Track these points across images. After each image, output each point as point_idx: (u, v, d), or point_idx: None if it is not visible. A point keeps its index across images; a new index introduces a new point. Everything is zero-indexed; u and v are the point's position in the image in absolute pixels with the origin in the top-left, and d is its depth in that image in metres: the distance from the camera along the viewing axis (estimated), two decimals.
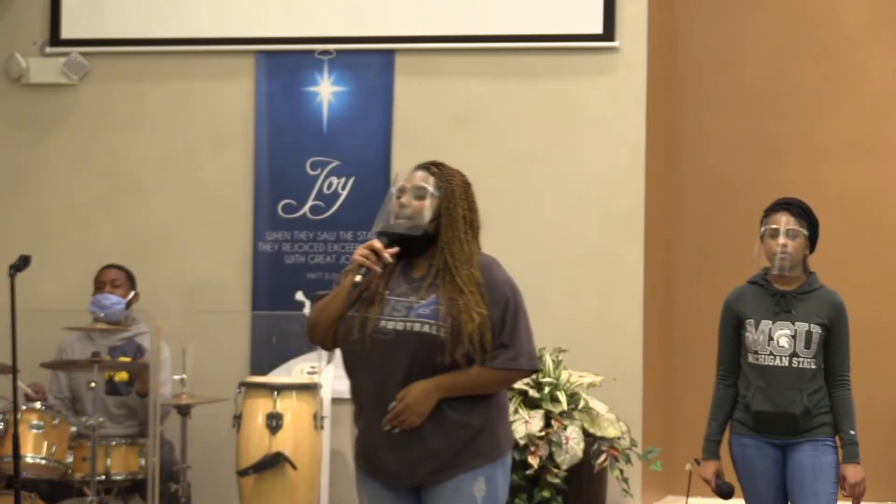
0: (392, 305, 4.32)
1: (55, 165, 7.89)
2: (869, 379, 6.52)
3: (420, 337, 4.27)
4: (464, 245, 4.38)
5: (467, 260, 4.38)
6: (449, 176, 4.43)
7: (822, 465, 5.58)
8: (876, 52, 7.71)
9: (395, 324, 4.30)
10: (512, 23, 7.43)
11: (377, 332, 4.30)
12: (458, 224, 4.40)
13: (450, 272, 4.34)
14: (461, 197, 4.43)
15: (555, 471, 6.52)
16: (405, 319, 4.29)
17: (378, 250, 4.28)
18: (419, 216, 4.37)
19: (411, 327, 4.28)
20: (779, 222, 5.65)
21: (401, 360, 4.28)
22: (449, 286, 4.33)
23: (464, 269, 4.35)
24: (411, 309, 4.31)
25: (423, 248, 4.39)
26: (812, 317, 5.62)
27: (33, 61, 7.88)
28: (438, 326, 4.27)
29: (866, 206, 7.65)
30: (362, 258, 4.28)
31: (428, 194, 4.38)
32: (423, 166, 4.46)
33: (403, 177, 4.46)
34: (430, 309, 4.30)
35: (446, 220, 4.39)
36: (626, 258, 7.33)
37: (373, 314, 4.31)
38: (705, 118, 7.84)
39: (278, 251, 7.63)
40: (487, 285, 4.37)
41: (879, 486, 5.81)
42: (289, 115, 7.66)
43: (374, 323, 4.30)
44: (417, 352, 4.27)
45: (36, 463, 6.58)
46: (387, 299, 4.33)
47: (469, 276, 4.35)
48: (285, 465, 6.67)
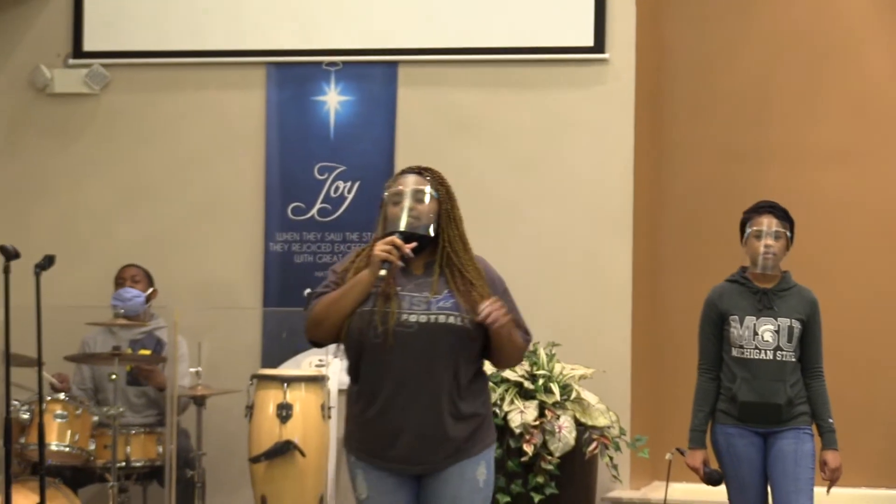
0: (409, 300, 4.32)
1: (78, 170, 7.88)
2: (843, 372, 6.51)
3: (447, 328, 4.29)
4: (463, 240, 4.44)
5: (470, 255, 4.44)
6: (441, 178, 4.46)
7: (802, 451, 5.61)
8: (853, 65, 7.69)
9: (418, 317, 4.29)
10: (508, 36, 7.43)
11: (399, 326, 4.28)
12: (457, 222, 4.44)
13: (456, 267, 4.38)
14: (454, 197, 4.46)
15: (548, 458, 6.51)
16: (427, 313, 4.30)
17: (399, 245, 4.27)
18: (425, 218, 4.37)
19: (435, 319, 4.30)
20: (763, 224, 5.67)
21: (424, 350, 4.29)
22: (459, 280, 4.36)
23: (469, 263, 4.41)
24: (431, 303, 4.32)
25: (421, 248, 4.38)
26: (792, 312, 5.66)
27: (57, 72, 7.87)
28: (463, 317, 4.30)
29: (843, 209, 7.63)
30: (385, 253, 4.26)
31: (427, 197, 4.38)
32: (415, 171, 4.47)
33: (393, 182, 4.46)
34: (451, 302, 4.33)
35: (446, 219, 4.41)
36: (615, 258, 7.33)
37: (394, 308, 4.29)
38: (690, 126, 7.83)
39: (288, 251, 7.62)
40: (490, 281, 4.43)
41: (851, 471, 5.81)
42: (298, 123, 7.65)
43: (396, 317, 4.28)
44: (444, 341, 4.29)
45: (60, 450, 6.58)
46: (402, 295, 4.32)
47: (475, 270, 4.41)
48: (295, 452, 6.65)
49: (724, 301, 5.72)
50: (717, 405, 5.72)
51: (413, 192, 4.39)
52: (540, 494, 6.48)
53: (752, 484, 5.66)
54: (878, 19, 7.70)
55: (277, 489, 6.69)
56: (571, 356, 6.89)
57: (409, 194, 4.38)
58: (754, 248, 5.66)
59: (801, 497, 5.55)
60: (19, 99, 7.95)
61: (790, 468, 5.57)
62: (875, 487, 7.42)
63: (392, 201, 4.40)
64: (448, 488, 4.35)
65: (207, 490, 6.98)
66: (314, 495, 6.78)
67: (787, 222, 5.71)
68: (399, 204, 4.38)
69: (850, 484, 6.34)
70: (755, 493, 5.67)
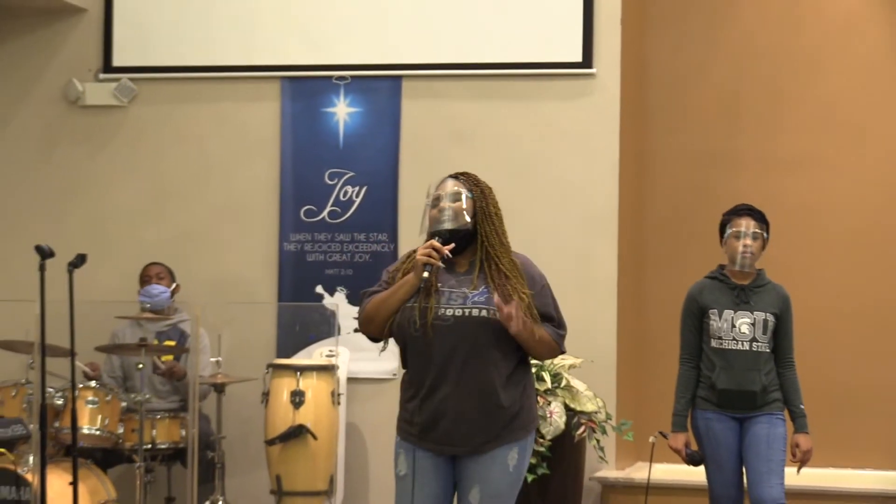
0: (447, 296, 4.33)
1: (107, 176, 7.85)
2: (811, 361, 6.43)
3: (479, 321, 4.29)
4: (500, 236, 4.45)
5: (506, 249, 4.44)
6: (476, 180, 4.50)
7: (775, 435, 5.60)
8: (818, 78, 7.67)
9: (454, 311, 4.30)
10: (504, 52, 7.41)
11: (437, 319, 4.29)
12: (493, 219, 4.45)
13: (492, 261, 4.39)
14: (490, 197, 4.48)
15: (540, 440, 6.46)
16: (463, 307, 4.31)
17: (438, 248, 4.29)
18: (461, 215, 4.39)
19: (469, 313, 4.30)
20: (742, 225, 5.73)
21: (461, 341, 4.29)
22: (495, 273, 4.36)
23: (504, 257, 4.41)
24: (467, 298, 4.32)
25: (463, 247, 4.39)
26: (767, 307, 5.67)
27: (89, 86, 7.83)
28: (494, 311, 4.29)
29: (805, 211, 7.60)
30: (426, 257, 4.29)
31: (463, 197, 4.41)
32: (452, 176, 4.51)
33: (434, 188, 4.50)
34: (485, 297, 4.32)
35: (482, 216, 4.43)
36: (601, 255, 7.30)
37: (432, 304, 4.31)
38: (671, 134, 7.81)
39: (301, 250, 7.57)
40: (529, 278, 4.42)
41: (818, 452, 5.78)
42: (310, 132, 7.61)
43: (434, 311, 4.29)
44: (478, 334, 4.29)
45: (91, 433, 6.59)
46: (441, 291, 4.34)
47: (510, 263, 4.40)
48: (307, 435, 6.64)
49: (704, 296, 5.73)
50: (697, 392, 5.72)
51: (450, 195, 4.42)
52: (532, 474, 6.42)
53: (729, 464, 5.66)
54: (836, 37, 7.67)
55: (291, 469, 6.68)
56: None
57: (447, 197, 4.42)
58: (733, 248, 5.69)
59: (773, 477, 5.55)
60: (54, 111, 7.92)
61: (763, 450, 5.58)
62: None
63: (433, 206, 4.45)
64: (480, 469, 4.36)
65: (227, 470, 6.97)
66: (325, 475, 6.77)
67: (764, 224, 5.78)
68: (437, 206, 4.42)
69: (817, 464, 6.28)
70: (732, 472, 5.67)
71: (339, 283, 7.45)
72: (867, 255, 7.55)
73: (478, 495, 4.34)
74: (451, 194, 4.42)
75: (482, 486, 4.34)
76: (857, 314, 7.51)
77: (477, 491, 4.35)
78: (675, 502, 6.74)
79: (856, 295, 7.53)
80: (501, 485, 4.35)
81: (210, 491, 6.82)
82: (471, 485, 4.36)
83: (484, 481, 4.34)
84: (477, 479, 4.35)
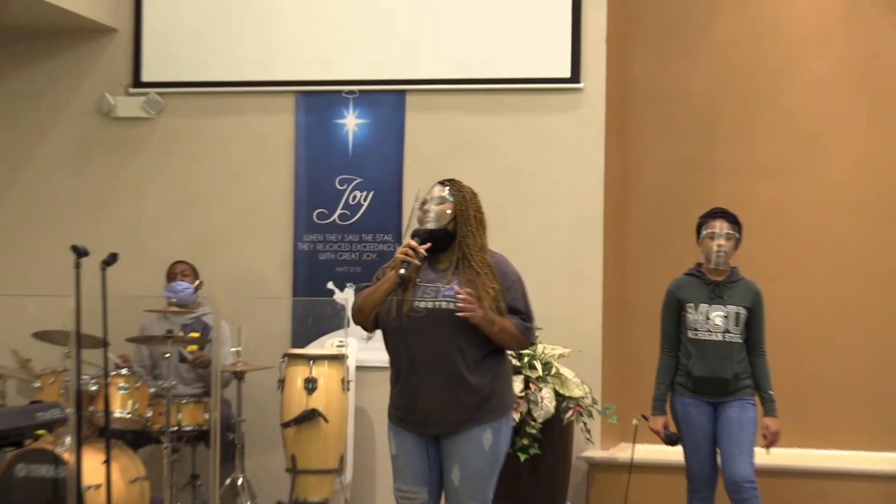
0: (423, 290, 4.37)
1: (137, 182, 7.86)
2: (781, 351, 6.51)
3: (447, 312, 4.33)
4: (476, 237, 4.47)
5: (480, 248, 4.46)
6: (460, 186, 4.54)
7: (746, 418, 5.64)
8: (788, 92, 7.67)
9: (426, 303, 4.34)
10: (499, 69, 7.41)
11: (412, 311, 4.34)
12: (470, 221, 4.48)
13: (467, 259, 4.42)
14: (471, 201, 4.52)
15: (532, 423, 6.49)
16: (434, 300, 4.35)
17: (415, 247, 4.36)
18: (441, 217, 4.45)
19: (439, 305, 4.34)
20: (716, 227, 5.71)
21: (431, 331, 4.33)
22: (467, 270, 4.40)
23: (477, 255, 4.43)
24: (438, 291, 4.36)
25: (445, 246, 4.45)
26: (739, 301, 5.67)
27: (120, 100, 7.85)
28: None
29: (780, 214, 7.60)
30: (403, 255, 4.35)
31: (445, 201, 4.46)
32: (440, 182, 4.56)
33: (424, 193, 4.56)
34: (454, 290, 4.35)
35: (461, 219, 4.47)
36: (588, 255, 7.31)
37: (408, 297, 4.35)
38: (652, 144, 7.80)
39: (313, 250, 7.59)
40: (499, 273, 4.44)
41: (785, 433, 5.83)
42: (321, 142, 7.62)
43: (409, 304, 4.34)
44: (445, 323, 4.32)
45: (122, 417, 6.60)
46: (418, 285, 4.38)
47: (482, 261, 4.43)
48: (319, 419, 6.66)
49: (682, 291, 5.74)
50: (675, 379, 5.74)
51: (435, 199, 4.49)
52: (525, 454, 6.45)
53: (704, 445, 5.69)
54: (803, 55, 7.65)
55: (305, 450, 6.69)
56: (552, 338, 6.86)
57: (432, 200, 4.49)
58: (708, 248, 5.69)
59: (744, 456, 5.58)
60: (88, 122, 7.93)
61: (735, 432, 5.60)
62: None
63: (420, 208, 4.52)
64: (458, 448, 4.39)
65: (246, 450, 7.00)
66: (335, 455, 6.78)
67: (737, 225, 5.75)
68: (423, 209, 4.49)
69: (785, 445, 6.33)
70: (706, 452, 5.69)
71: (349, 280, 7.45)
72: (833, 254, 7.53)
73: (458, 474, 4.38)
74: (435, 198, 4.48)
75: (461, 466, 4.38)
76: (824, 308, 7.50)
77: (457, 470, 4.38)
78: (656, 480, 6.72)
79: (822, 290, 7.52)
80: (479, 464, 4.38)
81: (231, 469, 6.84)
82: (451, 465, 4.40)
83: (462, 461, 4.38)
84: (456, 459, 4.38)
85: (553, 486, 6.67)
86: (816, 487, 6.76)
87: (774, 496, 6.46)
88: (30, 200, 7.96)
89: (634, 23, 7.85)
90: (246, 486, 6.86)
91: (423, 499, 4.46)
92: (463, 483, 4.39)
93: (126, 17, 7.85)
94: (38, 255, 7.83)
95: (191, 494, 7.01)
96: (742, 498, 5.55)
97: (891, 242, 7.47)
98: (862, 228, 7.52)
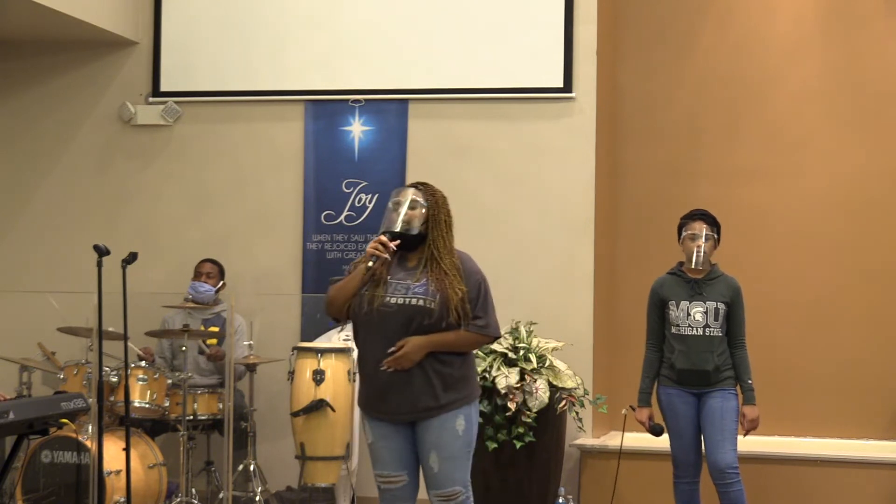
0: (394, 286, 4.37)
1: (155, 186, 7.87)
2: (760, 343, 6.52)
3: (416, 309, 4.33)
4: (446, 241, 4.46)
5: (449, 251, 4.45)
6: (433, 191, 4.52)
7: (727, 408, 5.62)
8: (767, 100, 7.66)
9: (397, 299, 4.34)
10: (496, 79, 7.41)
11: (383, 306, 4.34)
12: (441, 225, 4.47)
13: (436, 260, 4.40)
14: (442, 206, 4.50)
15: (527, 413, 6.48)
16: (405, 296, 4.34)
17: (385, 243, 4.34)
18: (414, 220, 4.42)
19: (409, 301, 4.34)
20: (696, 228, 5.69)
21: (401, 326, 4.33)
22: (436, 271, 4.38)
23: (447, 258, 4.42)
24: (409, 288, 4.36)
25: (415, 245, 4.44)
26: (718, 297, 5.66)
27: (140, 108, 7.86)
28: (430, 300, 4.33)
29: (759, 215, 7.59)
30: (373, 249, 4.34)
31: (419, 205, 4.44)
32: (413, 185, 4.54)
33: (398, 193, 4.52)
34: (424, 288, 4.36)
35: (432, 223, 4.45)
36: (580, 255, 7.31)
37: (379, 293, 4.35)
38: (640, 149, 7.79)
39: (321, 249, 7.59)
40: (465, 272, 4.43)
41: (764, 421, 5.83)
42: (329, 148, 7.62)
43: (381, 299, 4.34)
44: (414, 319, 4.32)
45: (141, 406, 6.60)
46: (389, 282, 4.38)
47: (451, 263, 4.42)
48: (327, 408, 6.64)
49: (664, 289, 5.73)
50: (660, 371, 5.73)
51: (409, 202, 4.45)
52: (520, 442, 6.45)
53: (688, 433, 5.68)
54: (781, 66, 7.64)
55: (313, 438, 6.67)
56: (546, 332, 6.87)
57: (405, 203, 4.45)
58: (689, 248, 5.68)
59: (727, 444, 5.57)
60: (109, 129, 7.93)
61: (717, 421, 5.59)
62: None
63: (393, 208, 4.47)
64: (433, 435, 4.39)
65: (258, 438, 7.00)
66: (342, 443, 6.76)
67: (716, 227, 5.74)
68: (396, 210, 4.45)
69: (765, 432, 6.34)
70: (690, 440, 5.69)
71: None
72: (809, 253, 7.53)
73: (437, 459, 4.38)
74: (409, 201, 4.45)
75: (438, 451, 4.38)
76: (799, 303, 7.49)
77: (435, 455, 4.38)
78: (644, 466, 6.72)
79: (798, 286, 7.51)
80: (454, 448, 4.38)
81: (243, 456, 6.84)
82: (428, 451, 4.39)
83: (439, 447, 4.37)
84: (432, 445, 4.38)
85: (547, 471, 6.67)
86: (795, 473, 6.75)
87: (756, 481, 6.47)
88: (55, 202, 7.97)
89: (623, 35, 7.86)
90: (257, 472, 6.85)
91: (405, 481, 4.46)
92: (442, 468, 4.38)
93: (146, 31, 7.86)
94: (62, 255, 7.83)
95: (205, 479, 7.00)
96: (726, 483, 5.54)
97: (862, 241, 7.47)
98: (836, 229, 7.51)
